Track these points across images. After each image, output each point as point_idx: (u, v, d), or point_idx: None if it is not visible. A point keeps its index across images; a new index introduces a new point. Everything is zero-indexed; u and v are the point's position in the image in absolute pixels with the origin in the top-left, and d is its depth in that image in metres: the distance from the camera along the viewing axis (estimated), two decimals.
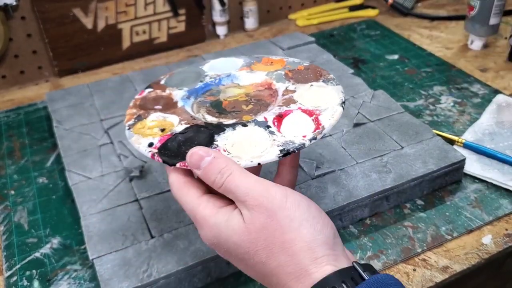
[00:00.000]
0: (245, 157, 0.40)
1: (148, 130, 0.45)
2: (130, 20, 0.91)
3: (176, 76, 0.55)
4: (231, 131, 0.43)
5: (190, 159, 0.38)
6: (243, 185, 0.36)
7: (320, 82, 0.48)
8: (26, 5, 0.83)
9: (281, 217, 0.35)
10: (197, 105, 0.50)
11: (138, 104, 0.50)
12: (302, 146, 0.40)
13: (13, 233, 0.58)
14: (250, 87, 0.51)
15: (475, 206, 0.58)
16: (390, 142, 0.62)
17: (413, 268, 0.51)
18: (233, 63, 0.55)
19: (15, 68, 0.87)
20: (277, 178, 0.44)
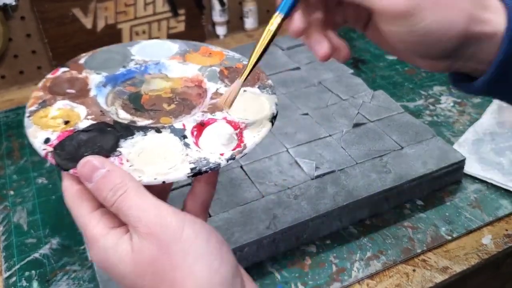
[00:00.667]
0: (149, 172, 0.35)
1: (50, 121, 0.39)
2: (130, 20, 0.91)
3: (99, 55, 0.48)
4: (141, 136, 0.38)
5: (82, 169, 0.34)
6: (137, 208, 0.32)
7: (255, 88, 0.43)
8: (26, 5, 0.83)
9: (174, 250, 0.31)
10: (113, 95, 0.43)
11: (48, 85, 0.43)
12: (217, 166, 0.35)
13: (12, 233, 0.58)
14: (178, 81, 0.45)
15: (475, 207, 0.58)
16: (390, 142, 0.62)
17: (412, 269, 0.51)
18: (167, 48, 0.48)
19: (15, 68, 0.87)
20: (190, 195, 0.39)
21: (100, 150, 0.36)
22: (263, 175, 0.58)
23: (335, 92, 0.72)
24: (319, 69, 0.78)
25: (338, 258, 0.52)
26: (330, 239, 0.55)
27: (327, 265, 0.52)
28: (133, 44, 0.49)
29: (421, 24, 0.33)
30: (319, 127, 0.65)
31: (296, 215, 0.53)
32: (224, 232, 0.51)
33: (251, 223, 0.52)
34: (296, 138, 0.63)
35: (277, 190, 0.56)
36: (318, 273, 0.51)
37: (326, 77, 0.75)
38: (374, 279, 0.51)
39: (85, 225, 0.34)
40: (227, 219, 0.52)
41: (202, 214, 0.39)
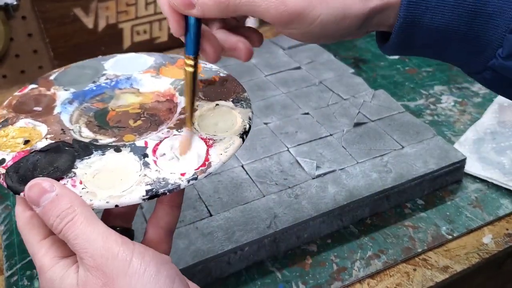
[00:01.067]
0: (101, 196, 0.33)
1: (10, 140, 0.37)
2: (131, 20, 0.91)
3: (71, 71, 0.46)
4: (98, 155, 0.36)
5: (29, 192, 0.32)
6: (83, 237, 0.30)
7: (229, 101, 0.40)
8: (27, 4, 0.83)
9: (118, 286, 0.29)
10: (79, 112, 0.42)
11: (13, 103, 0.42)
12: (176, 187, 0.33)
13: (14, 232, 0.58)
14: (150, 95, 0.43)
15: (476, 206, 0.58)
16: (391, 141, 0.62)
17: (413, 268, 0.51)
18: (142, 62, 0.47)
19: (16, 68, 0.87)
20: (152, 218, 0.37)
21: (55, 171, 0.34)
22: (264, 174, 0.58)
23: (336, 91, 0.72)
24: (319, 68, 0.78)
25: (338, 258, 0.53)
26: (331, 238, 0.55)
27: (328, 264, 0.52)
28: (107, 58, 0.48)
29: (316, 21, 0.33)
30: (319, 126, 0.65)
31: (296, 214, 0.53)
32: (225, 231, 0.51)
33: (252, 222, 0.52)
34: (297, 137, 0.63)
35: (278, 190, 0.56)
36: (319, 272, 0.51)
37: (326, 77, 0.75)
38: (374, 278, 0.51)
39: (35, 254, 0.33)
40: (228, 218, 0.53)
41: (165, 238, 0.37)
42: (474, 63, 0.35)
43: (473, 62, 0.35)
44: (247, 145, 0.62)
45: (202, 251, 0.49)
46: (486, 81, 0.36)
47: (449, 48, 0.34)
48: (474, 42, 0.33)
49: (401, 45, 0.35)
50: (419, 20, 0.33)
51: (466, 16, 0.32)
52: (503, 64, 0.33)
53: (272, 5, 0.32)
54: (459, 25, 0.33)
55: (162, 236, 0.37)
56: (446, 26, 0.33)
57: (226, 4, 0.33)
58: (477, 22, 0.32)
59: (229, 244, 0.50)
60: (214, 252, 0.49)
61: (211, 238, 0.50)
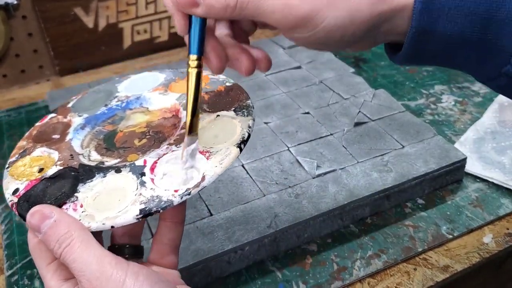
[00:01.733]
0: (98, 218, 0.33)
1: (27, 170, 0.38)
2: (131, 19, 0.91)
3: (88, 97, 0.47)
4: (100, 178, 0.36)
5: (31, 219, 0.33)
6: (80, 260, 0.31)
7: (231, 111, 0.40)
8: (27, 4, 0.83)
9: None
10: (91, 137, 0.42)
11: (34, 134, 0.43)
12: (169, 204, 0.33)
13: (14, 232, 0.58)
14: (157, 113, 0.44)
15: (476, 206, 0.58)
16: (391, 141, 0.62)
17: (414, 268, 0.51)
18: (153, 80, 0.47)
19: (16, 67, 0.87)
20: (157, 235, 0.38)
21: (62, 196, 0.35)
22: (264, 174, 0.58)
23: (336, 91, 0.72)
24: (320, 68, 0.78)
25: (339, 257, 0.53)
26: (331, 238, 0.55)
27: (328, 264, 0.52)
28: (122, 80, 0.48)
29: (322, 25, 0.32)
30: (320, 126, 0.65)
31: (297, 214, 0.53)
32: (225, 231, 0.51)
33: (252, 222, 0.52)
34: (297, 137, 0.63)
35: (278, 189, 0.56)
36: (319, 272, 0.51)
37: (327, 76, 0.75)
38: (375, 278, 0.51)
39: (43, 277, 0.34)
40: (228, 217, 0.53)
41: (170, 254, 0.38)
42: (487, 70, 0.34)
43: (487, 69, 0.34)
44: (247, 145, 0.62)
45: (202, 251, 0.49)
46: (501, 88, 0.35)
47: (462, 55, 0.34)
48: (487, 49, 0.33)
49: (413, 54, 0.34)
50: (432, 28, 0.32)
51: (480, 22, 0.32)
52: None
53: (278, 8, 0.32)
54: (472, 32, 0.32)
55: (167, 252, 0.37)
56: (459, 33, 0.32)
57: (232, 6, 0.32)
58: (490, 28, 0.32)
59: (230, 244, 0.50)
60: (215, 251, 0.49)
61: (211, 238, 0.50)
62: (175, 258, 0.38)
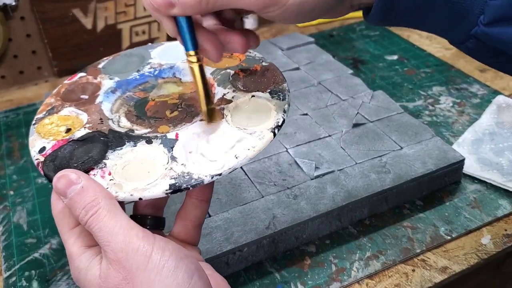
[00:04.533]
0: (126, 188, 0.33)
1: (54, 128, 0.38)
2: (130, 21, 0.91)
3: (120, 59, 0.46)
4: (130, 147, 0.35)
5: (57, 183, 0.32)
6: (106, 230, 0.31)
7: (266, 93, 0.39)
8: (26, 5, 0.83)
9: (138, 280, 0.30)
10: (121, 101, 0.42)
11: (62, 91, 0.42)
12: (199, 183, 0.32)
13: (12, 233, 0.58)
14: (190, 85, 0.43)
15: (474, 207, 0.58)
16: (389, 142, 0.62)
17: (412, 269, 0.51)
18: None
19: (15, 68, 0.87)
20: (181, 211, 0.38)
21: (89, 161, 0.34)
22: (263, 175, 0.58)
23: (335, 92, 0.72)
24: (318, 69, 0.78)
25: (337, 258, 0.53)
26: (329, 239, 0.55)
27: (326, 265, 0.52)
28: (156, 46, 0.47)
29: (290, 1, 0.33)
30: (318, 127, 0.65)
31: (295, 215, 0.53)
32: (224, 232, 0.51)
33: (251, 223, 0.52)
34: (295, 138, 0.63)
35: (276, 190, 0.56)
36: (317, 273, 0.51)
37: (325, 78, 0.76)
38: (373, 279, 0.51)
39: (65, 242, 0.34)
40: (226, 219, 0.53)
41: (193, 231, 0.38)
42: (456, 31, 0.34)
43: (456, 30, 0.34)
44: None
45: (201, 252, 0.49)
46: (470, 51, 0.35)
47: (431, 15, 0.34)
48: (455, 9, 0.33)
49: (383, 12, 0.34)
50: None
51: None
52: (485, 32, 0.33)
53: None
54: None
55: (190, 229, 0.38)
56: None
57: (205, 1, 0.33)
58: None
59: (228, 245, 0.50)
60: (213, 252, 0.49)
61: (209, 239, 0.50)
62: (197, 235, 0.38)
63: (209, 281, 0.33)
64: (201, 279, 0.32)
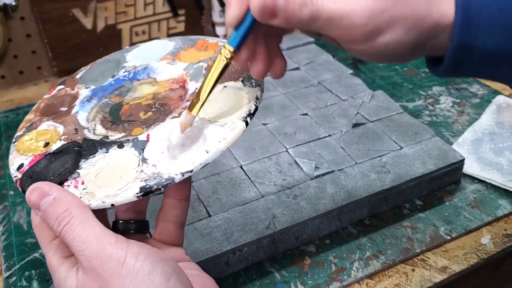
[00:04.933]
0: (99, 195, 0.32)
1: (34, 144, 0.37)
2: (130, 21, 0.91)
3: (96, 67, 0.45)
4: (102, 154, 0.35)
5: (30, 196, 0.32)
6: (79, 239, 0.31)
7: (238, 82, 0.38)
8: (26, 5, 0.83)
9: (113, 287, 0.30)
10: (97, 109, 0.41)
11: (41, 107, 0.42)
12: (170, 182, 0.32)
13: (12, 233, 0.58)
14: (165, 84, 0.41)
15: (474, 207, 0.58)
16: (389, 142, 0.62)
17: (412, 269, 0.51)
18: (162, 49, 0.44)
19: (14, 68, 0.87)
20: (161, 212, 0.37)
21: (65, 172, 0.34)
22: (263, 175, 0.58)
23: (335, 92, 0.72)
24: (318, 69, 0.78)
25: (337, 258, 0.53)
26: (329, 239, 0.55)
27: (326, 264, 0.52)
28: (131, 49, 0.46)
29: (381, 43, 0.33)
30: (318, 127, 0.65)
31: (295, 215, 0.53)
32: (224, 232, 0.51)
33: (251, 223, 0.52)
34: (295, 138, 0.63)
35: (276, 190, 0.56)
36: (317, 273, 0.51)
37: (325, 78, 0.76)
38: (373, 279, 0.51)
39: (45, 254, 0.34)
40: (226, 219, 0.53)
41: (175, 232, 0.37)
42: None
43: None
44: (245, 145, 0.62)
45: (200, 252, 0.49)
46: None
47: (501, 68, 0.34)
48: None
49: (454, 68, 0.35)
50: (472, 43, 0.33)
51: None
52: None
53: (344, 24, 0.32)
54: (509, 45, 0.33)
55: (172, 230, 0.37)
56: (497, 47, 0.33)
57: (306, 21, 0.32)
58: None
59: (228, 245, 0.50)
60: (213, 252, 0.49)
61: (209, 239, 0.50)
62: (180, 235, 0.38)
63: (189, 282, 0.32)
64: (179, 281, 0.31)
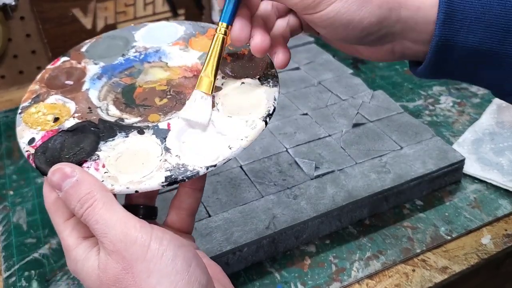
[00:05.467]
0: (122, 181, 0.32)
1: (41, 117, 0.37)
2: (130, 20, 0.91)
3: (102, 42, 0.45)
4: (122, 138, 0.35)
5: (52, 177, 0.32)
6: (103, 222, 0.31)
7: (256, 79, 0.38)
8: (25, 5, 0.83)
9: (137, 270, 0.30)
10: (108, 88, 0.40)
11: (46, 77, 0.41)
12: (195, 174, 0.32)
13: (12, 233, 0.58)
14: (177, 70, 0.41)
15: (475, 207, 0.58)
16: (390, 142, 0.62)
17: (412, 269, 0.51)
18: (173, 32, 0.44)
19: (14, 68, 0.87)
20: (175, 201, 0.38)
21: (80, 152, 0.34)
22: (263, 175, 0.58)
23: (335, 92, 0.72)
24: (318, 69, 0.78)
25: (337, 258, 0.53)
26: (329, 239, 0.55)
27: (326, 265, 0.52)
28: (139, 27, 0.46)
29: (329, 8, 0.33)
30: (318, 127, 0.65)
31: (295, 215, 0.53)
32: (224, 232, 0.51)
33: (251, 223, 0.52)
34: (295, 138, 0.63)
35: (276, 190, 0.56)
36: (317, 273, 0.51)
37: (325, 77, 0.75)
38: (373, 279, 0.51)
39: (60, 233, 0.34)
40: (226, 219, 0.52)
41: (187, 220, 0.38)
42: (507, 84, 0.35)
43: (507, 83, 0.35)
44: None
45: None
46: None
47: (482, 69, 0.34)
48: (507, 62, 0.33)
49: (435, 65, 0.34)
50: (454, 39, 0.33)
51: (499, 34, 0.32)
52: None
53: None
54: (491, 43, 0.32)
55: (184, 217, 0.38)
56: (479, 45, 0.33)
57: None
58: (508, 40, 0.32)
59: (228, 245, 0.50)
60: (213, 253, 0.49)
61: (209, 239, 0.50)
62: (191, 223, 0.39)
63: (206, 268, 0.33)
64: (199, 266, 0.32)
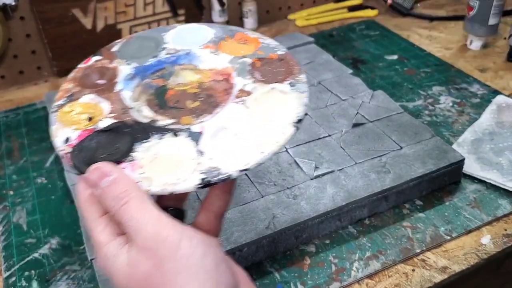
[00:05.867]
0: (158, 181, 0.33)
1: (75, 116, 0.37)
2: (130, 20, 0.91)
3: (133, 42, 0.45)
4: (157, 139, 0.36)
5: (91, 175, 0.33)
6: (136, 220, 0.32)
7: (285, 84, 0.39)
8: (25, 5, 0.83)
9: (167, 268, 0.31)
10: (141, 89, 0.41)
11: (79, 76, 0.41)
12: (227, 177, 0.33)
13: (12, 233, 0.58)
14: (208, 73, 0.42)
15: (474, 207, 0.58)
16: (389, 142, 0.62)
17: (412, 269, 0.51)
18: (203, 35, 0.45)
19: (14, 68, 0.87)
20: (205, 203, 0.39)
21: (116, 153, 0.35)
22: (263, 175, 0.58)
23: (335, 92, 0.72)
24: (318, 69, 0.78)
25: (337, 258, 0.53)
26: (329, 239, 0.55)
27: (326, 265, 0.52)
28: (166, 29, 0.46)
29: None
30: (318, 127, 0.65)
31: (295, 215, 0.53)
32: (224, 232, 0.51)
33: (251, 223, 0.52)
34: (295, 138, 0.63)
35: (276, 190, 0.56)
36: (317, 273, 0.51)
37: (325, 77, 0.75)
38: (373, 279, 0.51)
39: (92, 230, 0.34)
40: (226, 219, 0.52)
41: (215, 222, 0.38)
42: None
43: None
44: None
45: None
46: None
47: None
48: None
49: None
50: None
51: None
52: None
53: None
54: None
55: (213, 219, 0.38)
56: None
57: None
58: None
59: (228, 245, 0.50)
60: None
61: None
62: (219, 226, 0.39)
63: (233, 270, 0.34)
64: (228, 267, 0.33)
